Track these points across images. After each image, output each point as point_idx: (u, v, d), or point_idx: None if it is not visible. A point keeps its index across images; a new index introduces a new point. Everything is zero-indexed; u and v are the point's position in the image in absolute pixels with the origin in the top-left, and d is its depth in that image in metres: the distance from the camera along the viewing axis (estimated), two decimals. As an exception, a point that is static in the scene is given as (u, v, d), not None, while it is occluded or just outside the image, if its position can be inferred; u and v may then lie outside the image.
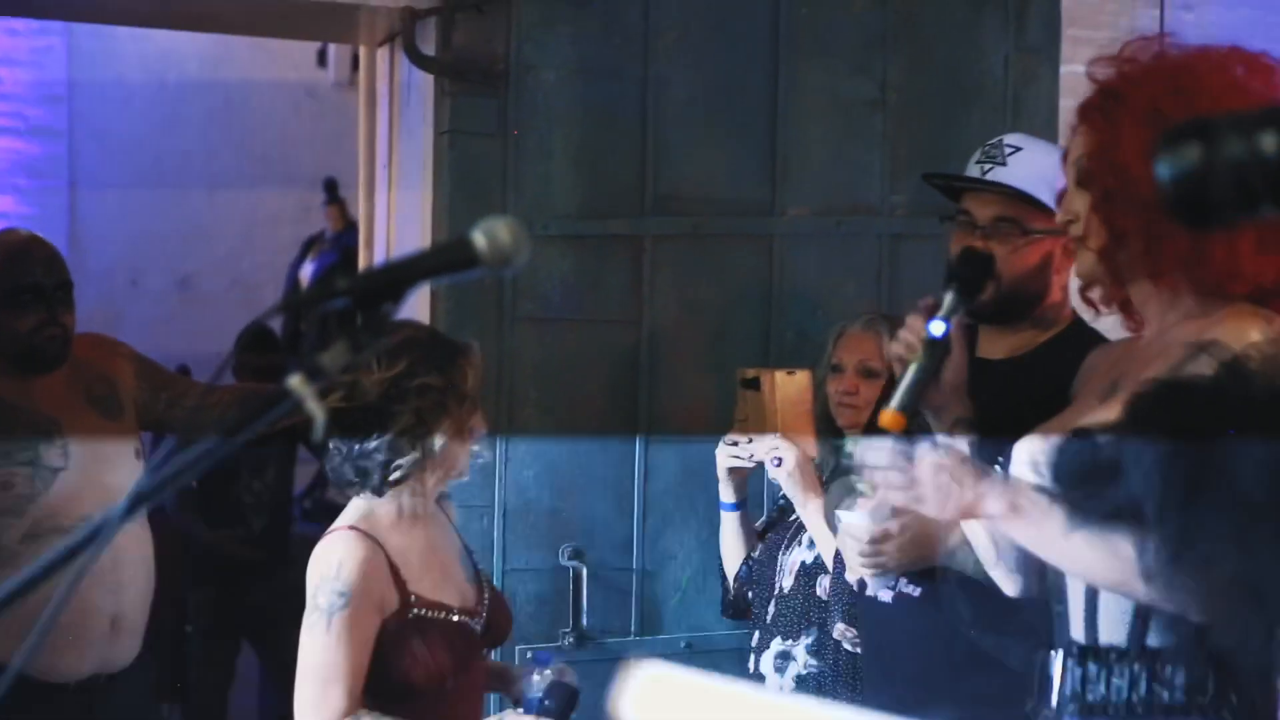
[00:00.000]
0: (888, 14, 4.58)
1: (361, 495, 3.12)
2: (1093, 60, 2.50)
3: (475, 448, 3.24)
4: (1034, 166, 3.20)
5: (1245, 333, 2.29)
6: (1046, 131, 4.65)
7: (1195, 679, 2.36)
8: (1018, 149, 3.22)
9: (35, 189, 7.83)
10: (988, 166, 3.22)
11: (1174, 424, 2.23)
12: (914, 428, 2.73)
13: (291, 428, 3.67)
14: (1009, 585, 2.76)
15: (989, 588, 2.82)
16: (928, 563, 3.10)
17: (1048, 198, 3.11)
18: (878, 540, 3.08)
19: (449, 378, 3.10)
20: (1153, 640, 2.38)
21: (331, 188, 7.61)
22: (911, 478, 2.47)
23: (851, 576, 3.34)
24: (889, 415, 2.67)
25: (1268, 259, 2.35)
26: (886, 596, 3.26)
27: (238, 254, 7.99)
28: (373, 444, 3.03)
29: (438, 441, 3.09)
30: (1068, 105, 4.63)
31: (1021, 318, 3.22)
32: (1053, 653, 2.51)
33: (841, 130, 4.54)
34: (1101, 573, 2.33)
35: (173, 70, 8.17)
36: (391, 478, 3.07)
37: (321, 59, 8.15)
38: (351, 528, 3.09)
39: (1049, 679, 2.50)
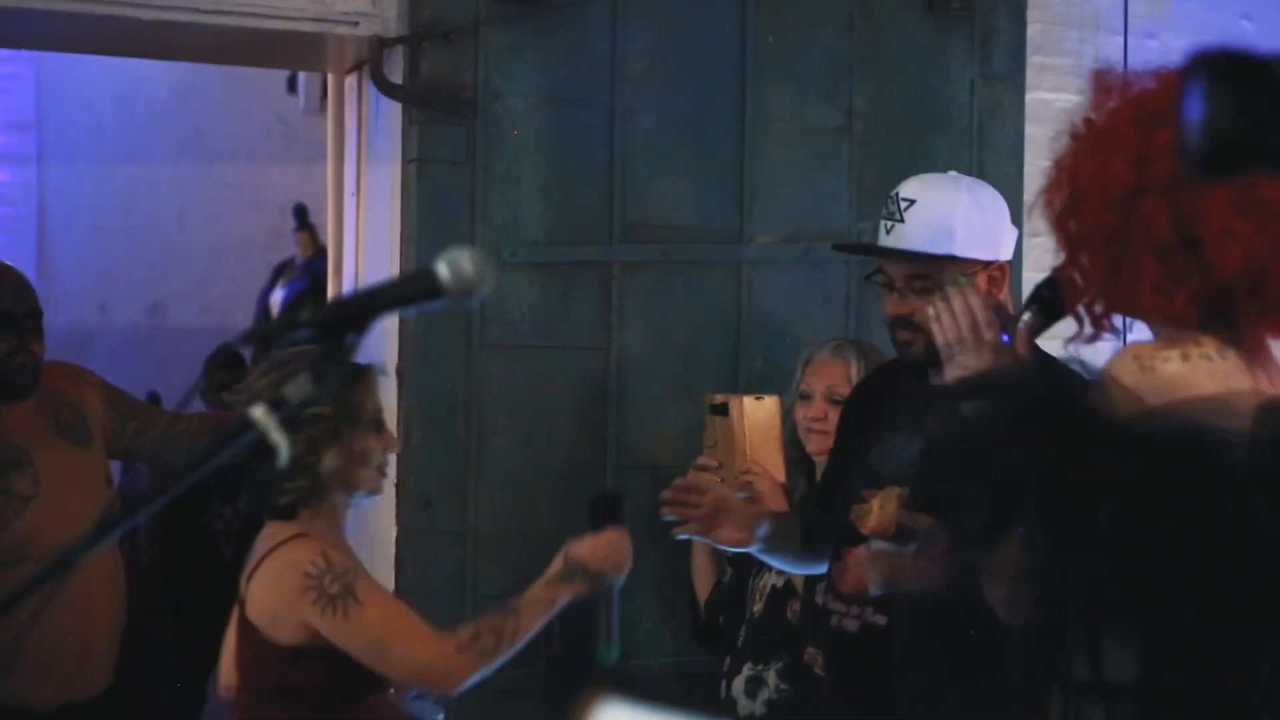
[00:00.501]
0: (854, 41, 4.61)
1: (273, 519, 3.25)
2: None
3: (380, 464, 3.30)
4: (930, 216, 3.19)
5: (1121, 359, 2.33)
6: (1012, 158, 4.69)
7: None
8: (911, 202, 3.21)
9: (4, 216, 7.82)
10: (889, 225, 3.22)
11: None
12: None
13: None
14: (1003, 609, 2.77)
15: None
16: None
17: (947, 244, 3.13)
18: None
19: (343, 403, 3.13)
20: (1163, 681, 2.36)
21: (301, 214, 7.59)
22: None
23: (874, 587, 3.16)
24: None
25: (1161, 298, 2.38)
26: (852, 626, 3.25)
27: (208, 280, 7.98)
28: (270, 472, 3.13)
29: (329, 466, 3.16)
30: (1034, 131, 4.67)
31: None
32: (1056, 689, 2.51)
33: (808, 157, 4.56)
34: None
35: (142, 97, 8.16)
36: (288, 501, 3.20)
37: (292, 86, 8.14)
38: (295, 535, 3.19)
39: (1053, 716, 2.51)
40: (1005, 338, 2.75)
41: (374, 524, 4.45)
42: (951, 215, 3.18)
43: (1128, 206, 2.35)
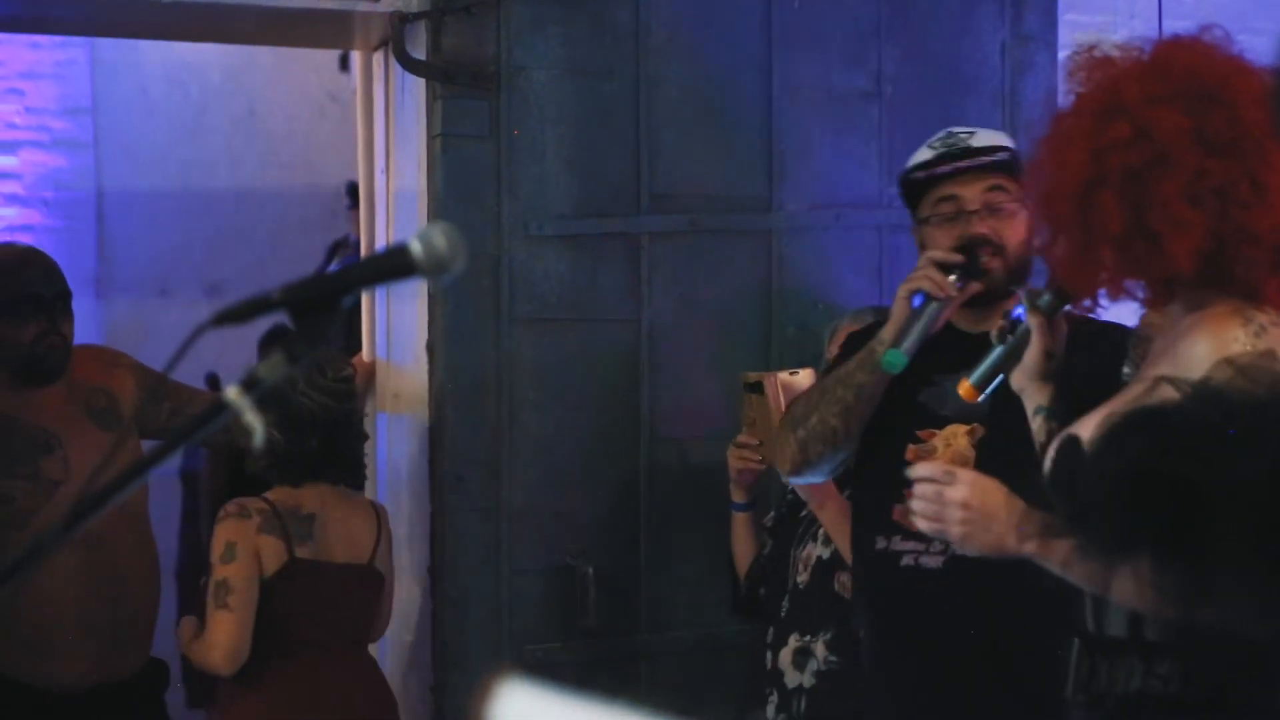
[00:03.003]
0: (880, 5, 4.55)
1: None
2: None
3: None
4: (997, 137, 3.23)
5: (1221, 339, 2.27)
6: (1045, 119, 4.62)
7: (1190, 671, 2.34)
8: (971, 132, 3.22)
9: (63, 201, 7.87)
10: (956, 145, 3.20)
11: (1144, 452, 2.21)
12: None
13: None
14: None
15: None
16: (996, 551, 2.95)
17: (1019, 164, 3.13)
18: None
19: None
20: (1149, 633, 2.37)
21: (355, 192, 7.59)
22: (940, 511, 2.53)
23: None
24: (965, 386, 2.74)
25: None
26: (935, 563, 3.14)
27: (266, 261, 7.99)
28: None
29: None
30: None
31: (1018, 288, 3.20)
32: (1070, 641, 2.51)
33: (837, 123, 4.51)
34: (1141, 604, 2.31)
35: (196, 80, 8.20)
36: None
37: (344, 64, 8.14)
38: None
39: (1066, 668, 2.50)
40: (1021, 313, 2.72)
41: (408, 502, 4.47)
42: (1011, 145, 3.21)
43: (1085, 199, 2.34)
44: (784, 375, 3.88)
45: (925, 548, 3.15)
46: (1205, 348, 2.27)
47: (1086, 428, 2.34)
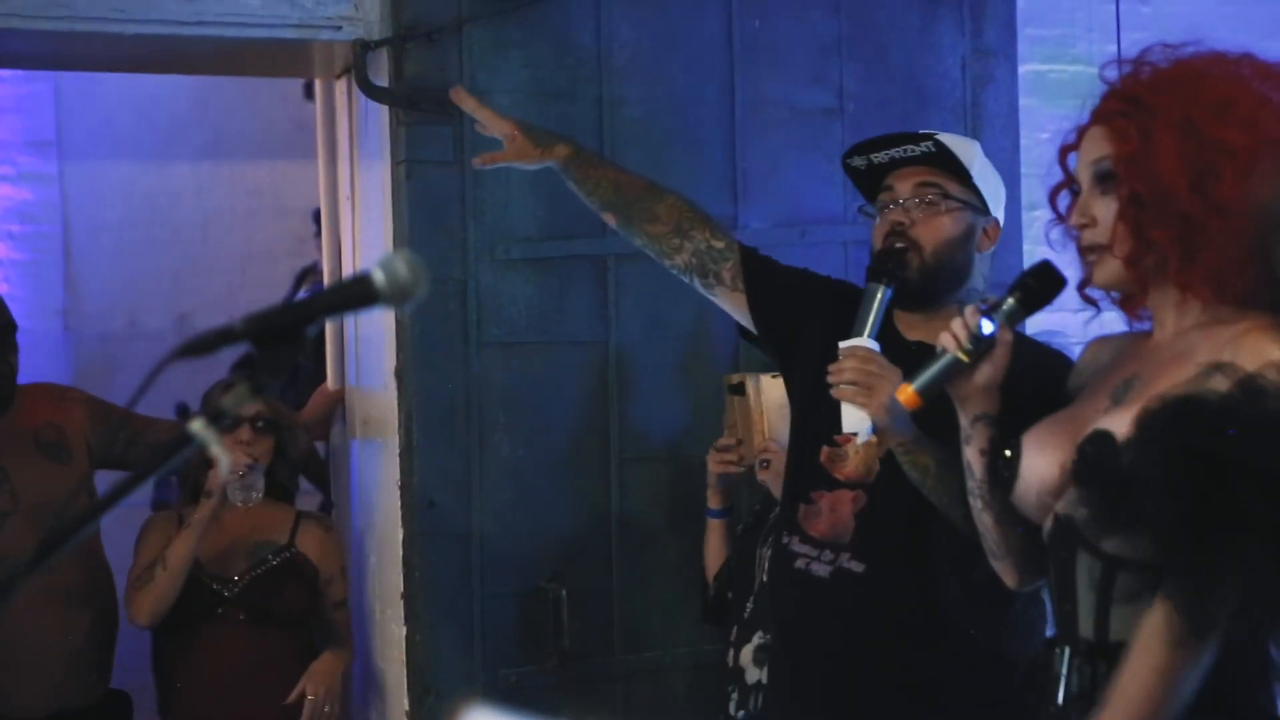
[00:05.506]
0: (841, 21, 4.57)
1: None
2: (1106, 64, 2.51)
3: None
4: (950, 140, 3.23)
5: (1265, 352, 2.28)
6: (1007, 132, 4.66)
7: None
8: (933, 133, 3.24)
9: (29, 234, 7.84)
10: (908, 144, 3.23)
11: (1185, 441, 2.23)
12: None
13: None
14: (1010, 577, 2.76)
15: (983, 572, 2.81)
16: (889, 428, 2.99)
17: (967, 166, 3.14)
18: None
19: None
20: None
21: (321, 219, 7.60)
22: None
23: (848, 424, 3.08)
24: (907, 392, 2.70)
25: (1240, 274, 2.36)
26: (823, 571, 3.21)
27: (234, 289, 7.99)
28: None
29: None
30: (1028, 104, 4.64)
31: (944, 299, 3.20)
32: (1058, 651, 2.51)
33: (800, 140, 4.53)
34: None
35: (160, 110, 8.18)
36: None
37: (309, 92, 8.13)
38: None
39: (1056, 677, 2.50)
40: (991, 322, 2.69)
41: (380, 526, 4.47)
42: (970, 151, 3.24)
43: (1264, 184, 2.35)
44: (766, 378, 3.92)
45: (817, 555, 3.23)
46: (1249, 355, 2.29)
47: (1112, 424, 2.35)
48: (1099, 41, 4.78)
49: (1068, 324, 3.82)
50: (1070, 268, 2.58)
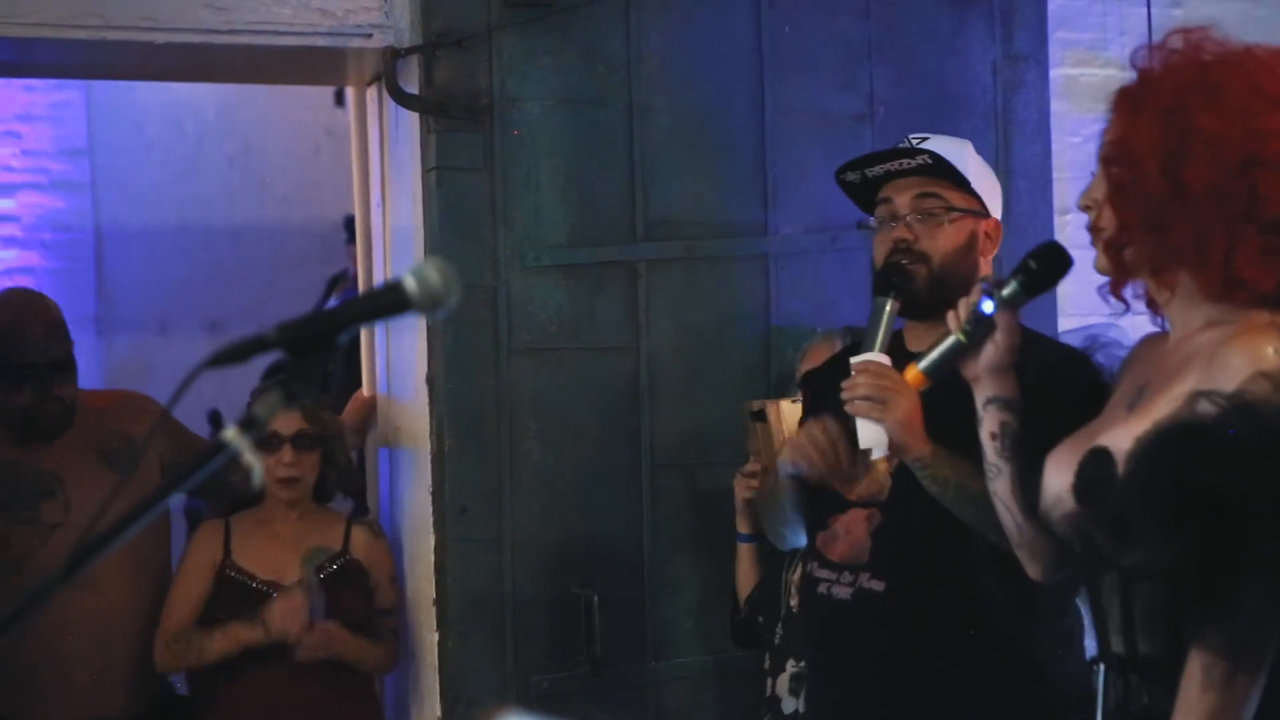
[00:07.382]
0: (871, 27, 4.56)
1: None
2: (1136, 50, 2.48)
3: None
4: (944, 146, 3.18)
5: (1255, 356, 2.25)
6: (1038, 137, 4.64)
7: None
8: (925, 137, 3.21)
9: (61, 242, 7.89)
10: (902, 149, 3.21)
11: (1180, 477, 2.20)
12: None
13: None
14: (1033, 568, 2.75)
15: (1017, 568, 2.79)
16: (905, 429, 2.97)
17: (961, 172, 3.12)
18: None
19: None
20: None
21: (352, 226, 7.61)
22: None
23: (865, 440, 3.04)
24: (913, 372, 2.76)
25: (1266, 270, 2.33)
26: (844, 594, 3.18)
27: (265, 296, 8.01)
28: None
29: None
30: (1059, 109, 4.62)
31: (950, 307, 3.19)
32: (1094, 668, 2.49)
33: (830, 146, 4.50)
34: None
35: (191, 118, 8.22)
36: None
37: (339, 99, 8.15)
38: None
39: (1093, 693, 2.48)
40: (991, 302, 2.69)
41: (412, 533, 4.47)
42: (963, 155, 3.21)
43: (1241, 174, 2.31)
44: (785, 403, 3.89)
45: (836, 577, 3.21)
46: (1241, 360, 2.25)
47: (1116, 439, 2.34)
48: (1131, 45, 4.73)
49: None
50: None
